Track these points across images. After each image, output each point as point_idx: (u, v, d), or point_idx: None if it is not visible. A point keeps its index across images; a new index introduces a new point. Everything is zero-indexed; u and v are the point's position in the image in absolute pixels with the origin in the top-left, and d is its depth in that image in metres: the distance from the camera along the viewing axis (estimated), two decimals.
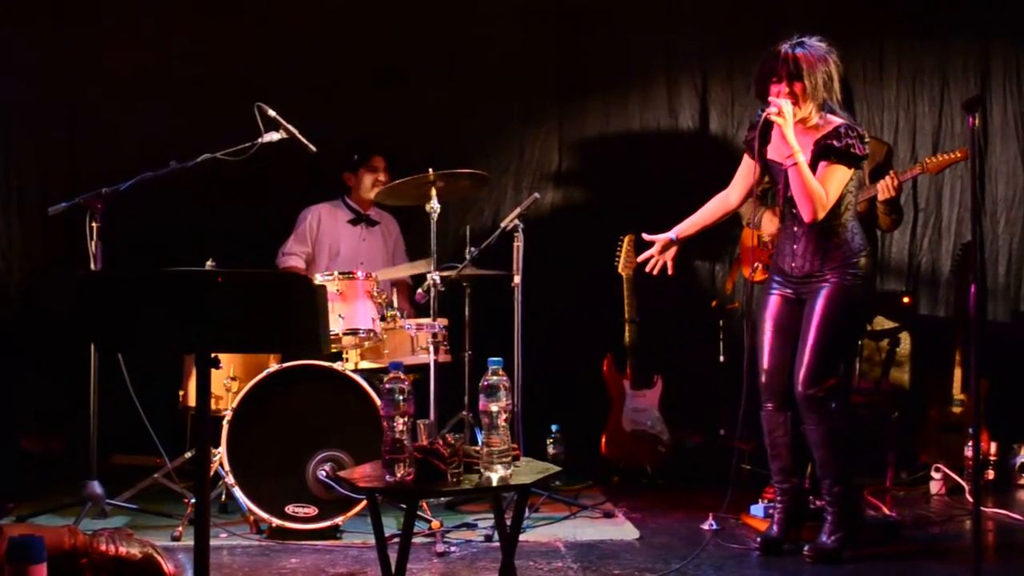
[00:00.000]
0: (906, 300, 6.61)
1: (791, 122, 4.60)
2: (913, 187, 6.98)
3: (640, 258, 5.16)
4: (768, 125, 4.72)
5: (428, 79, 6.99)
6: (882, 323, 6.45)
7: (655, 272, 5.13)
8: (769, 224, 5.79)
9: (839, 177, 4.64)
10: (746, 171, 4.98)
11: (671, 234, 5.09)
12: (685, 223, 5.12)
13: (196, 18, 6.88)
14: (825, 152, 4.63)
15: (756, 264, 5.92)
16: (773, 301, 4.88)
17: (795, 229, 4.75)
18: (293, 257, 6.35)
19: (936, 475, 6.04)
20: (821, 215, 4.62)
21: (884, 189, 5.47)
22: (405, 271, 6.08)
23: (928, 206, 7.05)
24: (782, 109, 4.58)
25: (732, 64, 7.12)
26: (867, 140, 4.69)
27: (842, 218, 4.71)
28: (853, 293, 4.72)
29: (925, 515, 5.56)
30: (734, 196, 5.05)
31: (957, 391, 6.29)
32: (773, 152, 4.76)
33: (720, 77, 7.16)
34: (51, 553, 3.82)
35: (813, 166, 4.63)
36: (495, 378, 3.66)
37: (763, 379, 4.88)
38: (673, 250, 5.10)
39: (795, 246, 4.77)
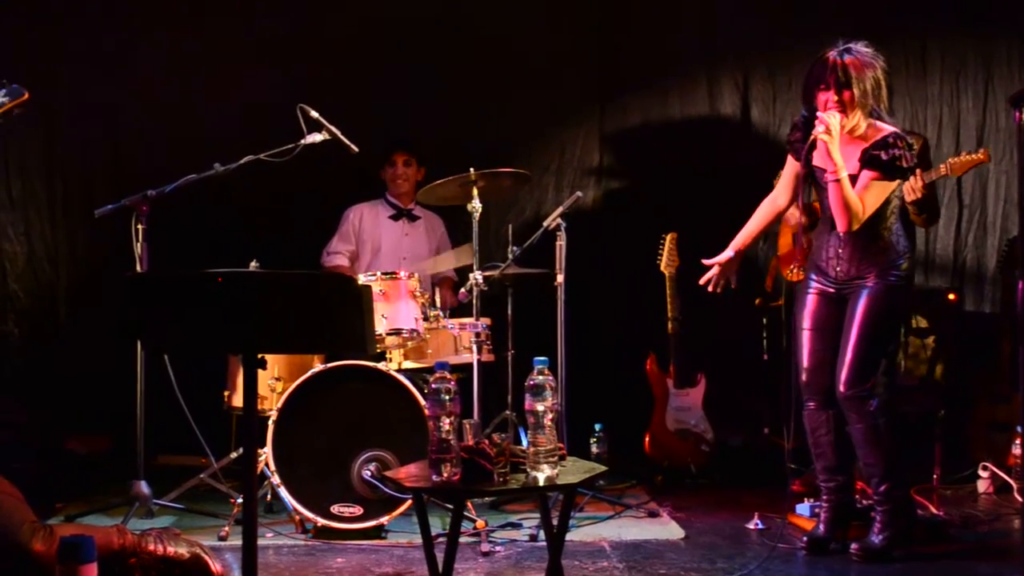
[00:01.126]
0: (951, 297, 6.55)
1: (837, 139, 4.54)
2: (957, 183, 6.92)
3: (702, 281, 5.11)
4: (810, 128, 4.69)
5: (469, 78, 6.99)
6: (920, 321, 6.40)
7: (719, 291, 5.10)
8: (791, 216, 5.77)
9: (879, 190, 4.61)
10: (792, 171, 4.94)
11: (729, 251, 5.05)
12: (741, 235, 5.08)
13: (239, 19, 6.92)
14: (871, 163, 4.59)
15: (793, 266, 5.90)
16: (811, 300, 4.85)
17: (840, 233, 4.72)
18: (338, 256, 6.43)
19: (984, 473, 5.99)
20: (855, 227, 4.60)
21: (909, 191, 5.41)
22: (447, 263, 6.10)
23: (973, 202, 6.99)
24: (829, 126, 4.53)
25: (773, 60, 7.08)
26: (915, 149, 4.65)
27: (888, 222, 4.69)
28: (896, 293, 4.71)
29: (973, 514, 5.51)
30: (782, 199, 5.02)
31: (1005, 388, 6.23)
32: (819, 159, 4.71)
33: (761, 73, 7.12)
34: (101, 553, 3.85)
35: (858, 173, 4.60)
36: (541, 377, 3.64)
37: (804, 378, 4.86)
38: (735, 266, 5.06)
39: (840, 250, 4.74)
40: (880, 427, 4.68)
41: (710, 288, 5.08)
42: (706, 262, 5.08)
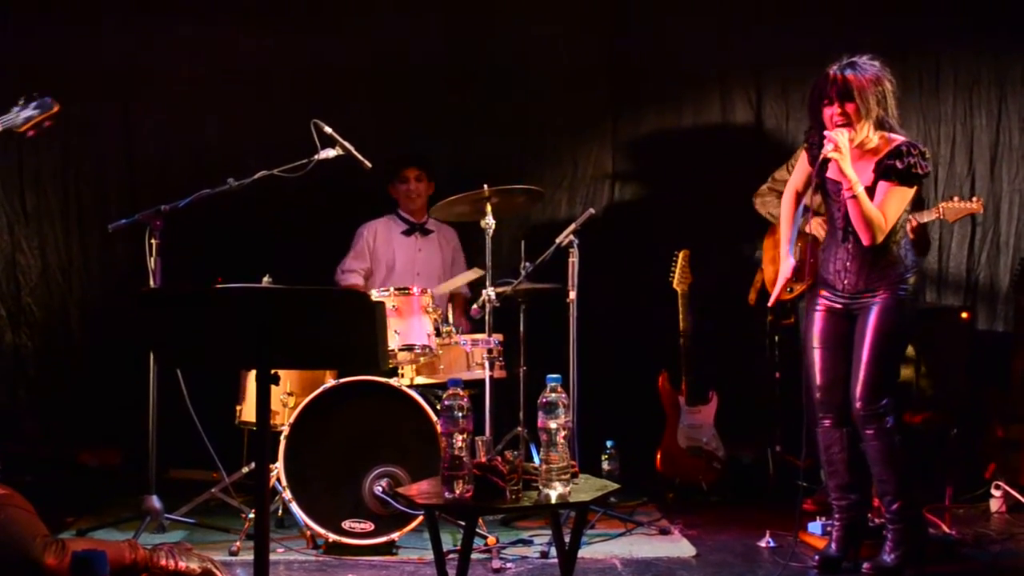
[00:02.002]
0: (964, 315, 6.54)
1: (848, 156, 4.54)
2: None
3: (773, 299, 5.11)
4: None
5: (481, 94, 7.01)
6: (932, 340, 6.38)
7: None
8: (819, 229, 5.75)
9: (899, 199, 4.60)
10: (806, 164, 4.90)
11: (791, 260, 4.96)
12: (787, 240, 5.00)
13: (253, 34, 6.94)
14: (887, 173, 4.58)
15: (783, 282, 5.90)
16: (820, 317, 4.84)
17: (849, 247, 4.72)
18: (353, 275, 6.45)
19: (996, 492, 5.96)
20: (880, 239, 4.60)
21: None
22: (457, 283, 6.10)
23: (986, 220, 6.95)
24: (838, 144, 4.52)
25: (786, 77, 7.07)
26: (928, 157, 4.65)
27: (896, 236, 4.68)
28: (905, 308, 4.69)
29: (985, 533, 5.48)
30: (802, 185, 4.95)
31: (1018, 407, 6.21)
32: (833, 173, 4.70)
33: (774, 90, 7.12)
34: (113, 567, 3.88)
35: (874, 186, 4.60)
36: (554, 395, 3.65)
37: (817, 396, 4.85)
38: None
39: (848, 263, 4.73)
40: (896, 444, 4.67)
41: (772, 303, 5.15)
42: (782, 281, 5.01)
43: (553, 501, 3.67)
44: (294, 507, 5.02)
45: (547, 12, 7.07)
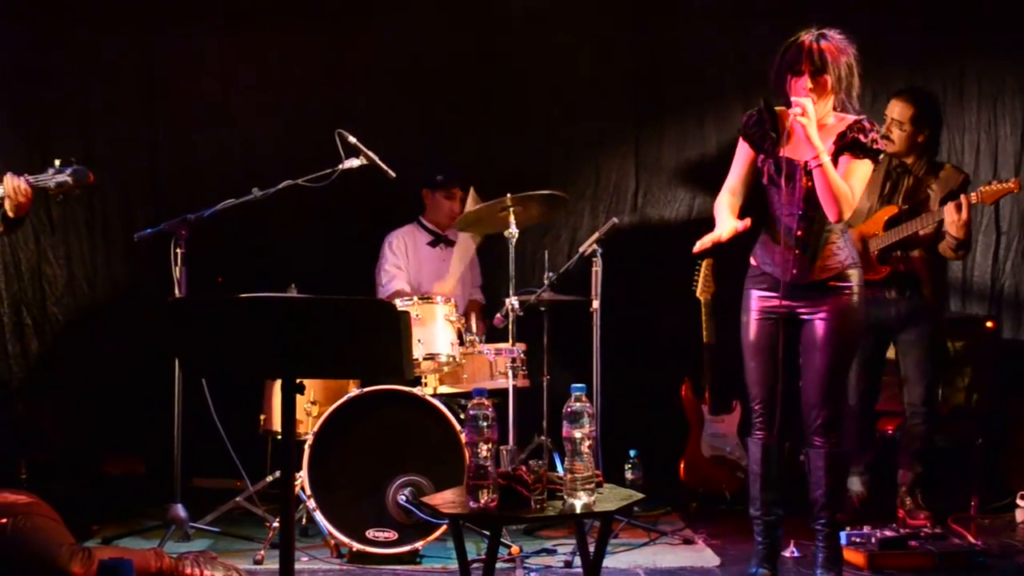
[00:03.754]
0: (989, 324, 6.51)
1: (814, 121, 4.40)
2: (995, 210, 6.86)
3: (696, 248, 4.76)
4: (772, 120, 4.59)
5: (506, 105, 7.02)
6: (957, 349, 6.36)
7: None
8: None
9: (863, 173, 4.47)
10: (744, 165, 4.74)
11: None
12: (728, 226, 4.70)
13: (277, 43, 6.98)
14: (852, 146, 4.45)
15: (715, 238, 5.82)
16: (756, 324, 4.70)
17: (799, 233, 4.52)
18: (398, 278, 6.35)
19: (1022, 503, 5.93)
20: (847, 214, 4.44)
21: (953, 227, 5.41)
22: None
23: (1011, 229, 6.93)
24: (806, 109, 4.38)
25: None
26: (880, 131, 4.56)
27: (837, 225, 4.54)
28: (853, 311, 4.56)
29: (1011, 543, 5.46)
30: (741, 185, 4.77)
31: None
32: (787, 150, 4.52)
33: None
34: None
35: (834, 161, 4.44)
36: (579, 404, 3.65)
37: (756, 407, 4.74)
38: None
39: (796, 251, 4.53)
40: (844, 456, 4.67)
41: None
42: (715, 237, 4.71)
43: (578, 511, 3.67)
44: (318, 516, 5.04)
45: (569, 23, 7.08)
